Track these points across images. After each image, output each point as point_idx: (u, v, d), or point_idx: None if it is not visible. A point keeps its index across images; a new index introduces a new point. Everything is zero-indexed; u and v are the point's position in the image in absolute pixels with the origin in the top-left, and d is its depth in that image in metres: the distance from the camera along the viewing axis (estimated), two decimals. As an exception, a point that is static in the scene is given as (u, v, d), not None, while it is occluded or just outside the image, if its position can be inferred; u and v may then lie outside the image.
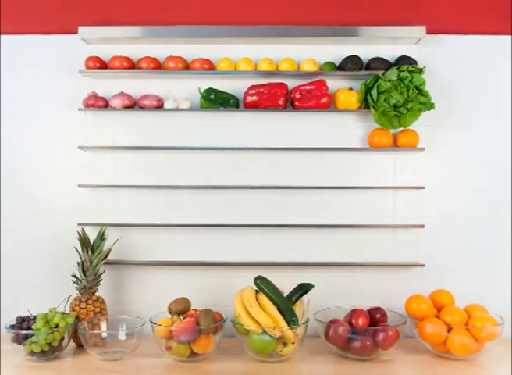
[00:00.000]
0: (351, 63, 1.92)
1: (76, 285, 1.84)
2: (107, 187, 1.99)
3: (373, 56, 1.95)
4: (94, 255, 1.84)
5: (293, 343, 1.66)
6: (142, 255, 2.01)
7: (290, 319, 1.67)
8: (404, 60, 1.92)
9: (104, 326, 1.81)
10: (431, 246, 2.00)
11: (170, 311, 1.76)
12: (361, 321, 1.74)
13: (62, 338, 1.72)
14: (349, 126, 1.98)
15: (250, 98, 1.92)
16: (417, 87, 1.87)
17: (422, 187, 1.96)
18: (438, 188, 2.00)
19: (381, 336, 1.68)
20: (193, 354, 1.69)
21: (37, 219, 2.00)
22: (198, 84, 1.97)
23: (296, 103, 1.92)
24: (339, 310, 1.85)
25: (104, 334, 1.76)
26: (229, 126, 1.98)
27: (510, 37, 1.98)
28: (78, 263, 1.84)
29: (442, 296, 1.84)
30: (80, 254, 1.84)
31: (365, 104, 1.93)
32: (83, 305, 1.80)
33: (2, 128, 2.00)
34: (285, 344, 1.68)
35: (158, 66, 1.95)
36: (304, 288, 1.80)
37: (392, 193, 2.00)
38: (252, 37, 1.92)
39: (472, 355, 1.69)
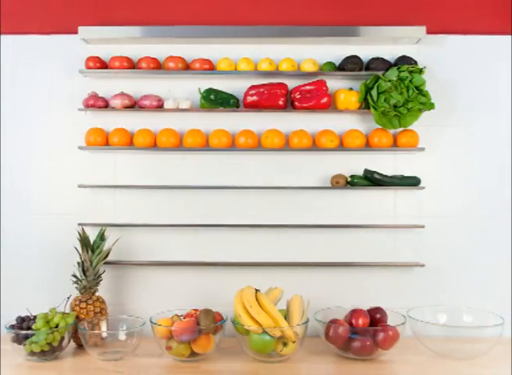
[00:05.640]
0: (351, 63, 1.92)
1: (76, 285, 1.84)
2: (107, 187, 1.99)
3: (373, 56, 1.95)
4: (94, 255, 1.84)
5: (293, 342, 1.66)
6: (142, 255, 2.01)
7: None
8: (404, 60, 1.92)
9: (104, 326, 1.81)
10: (431, 246, 2.00)
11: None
12: (361, 321, 1.74)
13: (62, 338, 1.72)
14: (349, 127, 1.98)
15: (250, 98, 1.92)
16: (417, 87, 1.87)
17: (422, 188, 1.96)
18: (438, 188, 2.00)
19: (381, 336, 1.68)
20: (193, 354, 1.69)
21: (37, 219, 2.00)
22: (198, 84, 1.97)
23: (297, 103, 1.92)
24: (339, 310, 1.84)
25: (104, 334, 1.76)
26: (229, 127, 1.97)
27: (510, 37, 1.98)
28: (78, 263, 1.84)
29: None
30: (80, 254, 1.84)
31: (365, 104, 1.93)
32: (83, 305, 1.80)
33: (2, 128, 2.00)
34: (285, 344, 1.68)
35: (158, 66, 1.95)
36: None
37: (393, 193, 2.00)
38: (252, 37, 1.92)
39: (472, 355, 1.70)
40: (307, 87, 1.92)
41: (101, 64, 1.94)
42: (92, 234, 1.89)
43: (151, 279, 2.01)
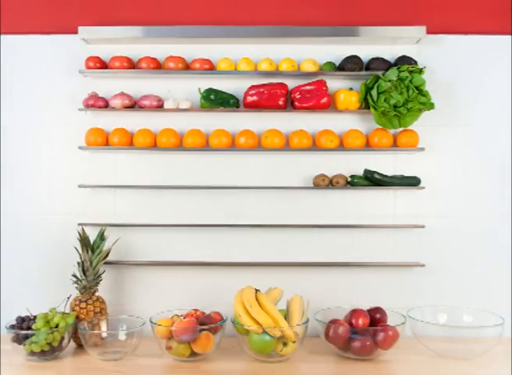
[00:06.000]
0: (351, 63, 1.92)
1: (76, 285, 1.84)
2: (107, 187, 1.99)
3: (373, 56, 1.95)
4: (94, 255, 1.84)
5: (293, 342, 1.66)
6: (142, 255, 2.01)
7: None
8: (404, 60, 1.92)
9: (104, 326, 1.81)
10: (431, 246, 2.00)
11: None
12: (361, 321, 1.74)
13: (62, 338, 1.72)
14: (349, 127, 1.98)
15: (250, 98, 1.92)
16: (417, 87, 1.87)
17: (422, 188, 1.96)
18: (438, 188, 2.00)
19: (381, 336, 1.68)
20: (193, 354, 1.69)
21: (37, 219, 2.00)
22: (198, 84, 1.97)
23: (297, 103, 1.92)
24: (339, 310, 1.84)
25: (104, 334, 1.76)
26: (229, 127, 1.97)
27: (510, 37, 1.98)
28: (78, 263, 1.84)
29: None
30: (79, 254, 1.84)
31: (365, 104, 1.93)
32: (83, 305, 1.80)
33: (2, 128, 2.00)
34: (285, 344, 1.68)
35: (158, 66, 1.95)
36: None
37: (393, 193, 2.00)
38: (252, 37, 1.92)
39: (472, 355, 1.70)
40: (307, 87, 1.92)
41: (101, 64, 1.94)
42: (92, 234, 1.89)
43: (151, 279, 2.01)
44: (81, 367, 1.67)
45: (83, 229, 1.88)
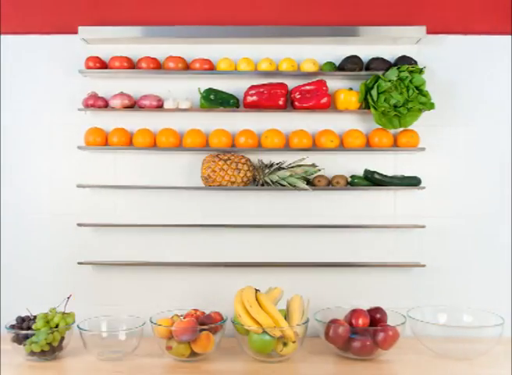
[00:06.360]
0: (351, 63, 1.92)
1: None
2: (106, 187, 1.98)
3: (373, 56, 1.95)
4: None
5: (293, 342, 1.66)
6: (142, 255, 2.00)
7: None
8: (404, 60, 1.92)
9: (104, 326, 1.81)
10: (431, 246, 2.00)
11: None
12: (361, 321, 1.74)
13: (62, 338, 1.72)
14: (349, 127, 1.98)
15: (250, 98, 1.92)
16: (417, 87, 1.87)
17: (423, 188, 1.95)
18: (438, 188, 2.00)
19: (381, 336, 1.68)
20: (193, 354, 1.69)
21: (37, 219, 2.00)
22: (198, 84, 1.97)
23: (297, 103, 1.92)
24: (339, 310, 1.84)
25: (104, 334, 1.76)
26: (229, 127, 1.97)
27: (510, 37, 1.98)
28: None
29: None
30: None
31: (365, 104, 1.93)
32: None
33: (2, 128, 2.00)
34: (285, 344, 1.68)
35: (158, 66, 1.95)
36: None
37: (393, 193, 2.00)
38: (252, 37, 1.92)
39: (472, 355, 1.70)
40: (307, 87, 1.92)
41: (101, 64, 1.94)
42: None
43: (151, 279, 2.01)
44: (81, 367, 1.67)
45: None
